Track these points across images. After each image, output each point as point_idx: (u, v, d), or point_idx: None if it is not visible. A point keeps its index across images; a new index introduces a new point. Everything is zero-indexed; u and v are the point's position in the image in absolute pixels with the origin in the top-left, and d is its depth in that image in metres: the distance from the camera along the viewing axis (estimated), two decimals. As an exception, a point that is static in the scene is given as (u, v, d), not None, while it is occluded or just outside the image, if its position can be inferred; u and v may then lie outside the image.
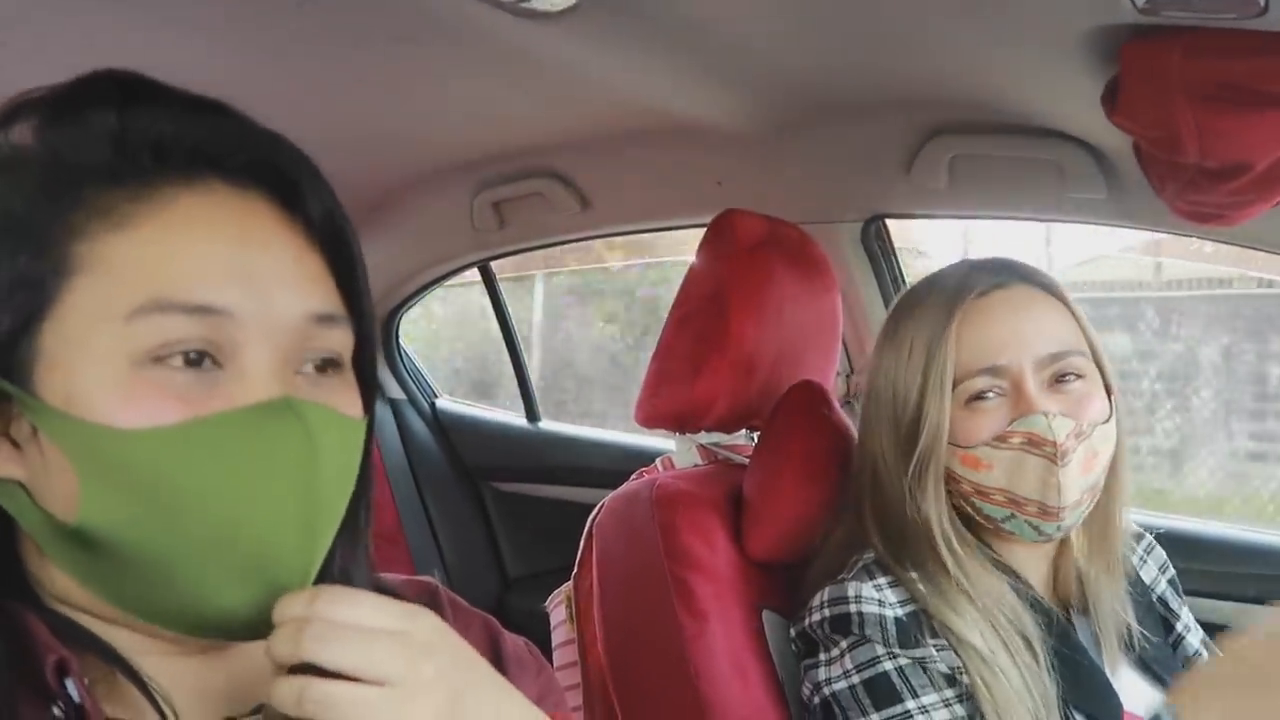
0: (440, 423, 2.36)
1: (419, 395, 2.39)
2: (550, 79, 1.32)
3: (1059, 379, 0.96)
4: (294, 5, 1.06)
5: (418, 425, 2.35)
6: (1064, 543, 1.03)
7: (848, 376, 1.64)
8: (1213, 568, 1.39)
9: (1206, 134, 0.86)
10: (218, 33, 1.11)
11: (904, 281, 1.58)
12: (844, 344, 1.65)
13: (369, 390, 0.60)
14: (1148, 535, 1.14)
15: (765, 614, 1.11)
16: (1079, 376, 0.96)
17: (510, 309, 2.23)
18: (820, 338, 1.32)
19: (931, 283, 1.03)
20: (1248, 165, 0.88)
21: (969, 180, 1.38)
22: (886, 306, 1.54)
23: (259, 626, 0.51)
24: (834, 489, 1.11)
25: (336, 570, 0.60)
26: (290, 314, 0.54)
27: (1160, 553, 1.14)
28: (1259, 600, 1.34)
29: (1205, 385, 2.88)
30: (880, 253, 1.58)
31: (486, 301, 2.22)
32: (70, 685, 0.51)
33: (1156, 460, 2.87)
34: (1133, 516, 1.18)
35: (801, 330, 1.28)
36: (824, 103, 1.36)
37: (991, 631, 0.92)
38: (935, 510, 0.97)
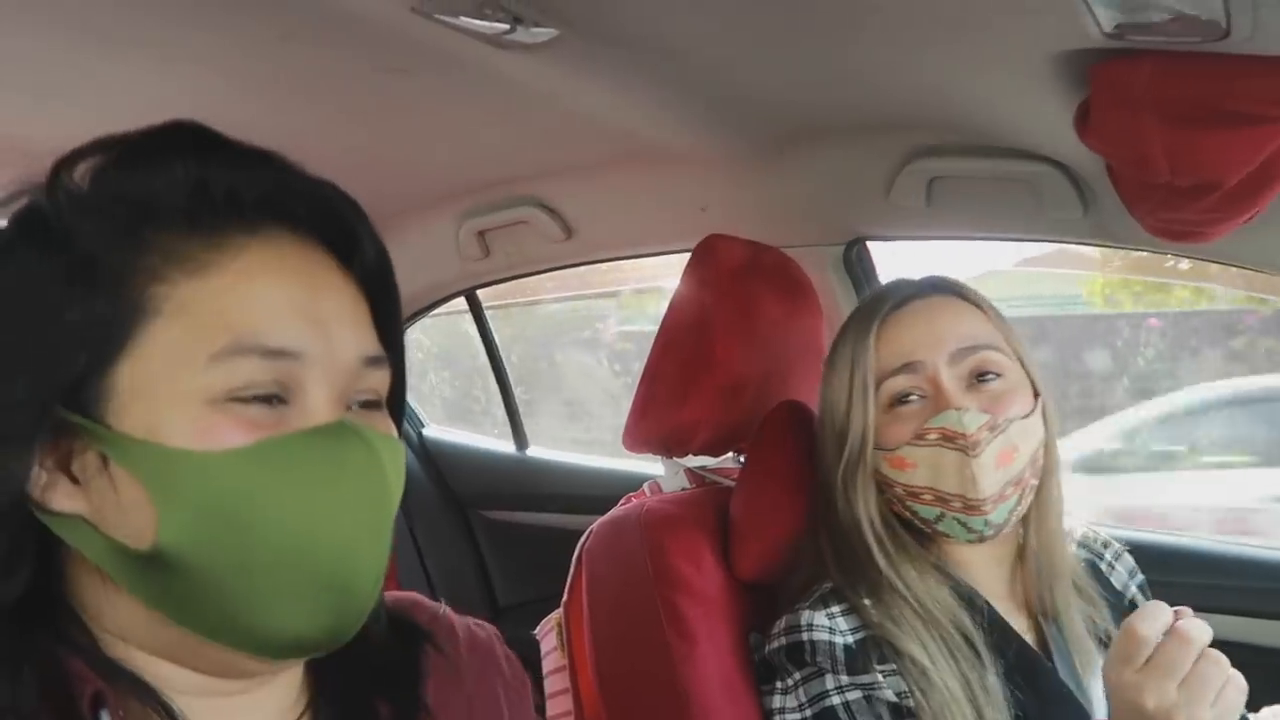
0: (428, 451, 2.36)
1: (406, 425, 2.38)
2: (534, 109, 1.33)
3: (978, 378, 1.00)
4: (278, 39, 1.07)
5: (406, 456, 2.34)
6: (1021, 549, 1.05)
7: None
8: (1190, 580, 1.41)
9: (1176, 153, 0.88)
10: (202, 66, 1.12)
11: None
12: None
13: (400, 427, 0.64)
14: (1115, 543, 1.16)
15: (753, 636, 1.11)
16: (998, 375, 1.00)
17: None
18: (804, 360, 1.34)
19: (862, 302, 1.10)
20: (1217, 183, 0.90)
21: (948, 202, 1.39)
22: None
23: (327, 641, 0.55)
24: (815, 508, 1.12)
25: None
26: (348, 356, 0.57)
27: (1129, 559, 1.16)
28: (1239, 613, 1.35)
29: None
30: (862, 275, 1.60)
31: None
32: (105, 717, 0.52)
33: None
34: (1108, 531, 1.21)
35: (786, 353, 1.30)
36: (803, 127, 1.38)
37: (931, 636, 0.95)
38: (865, 513, 1.02)
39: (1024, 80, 1.00)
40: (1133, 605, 1.13)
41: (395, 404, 0.63)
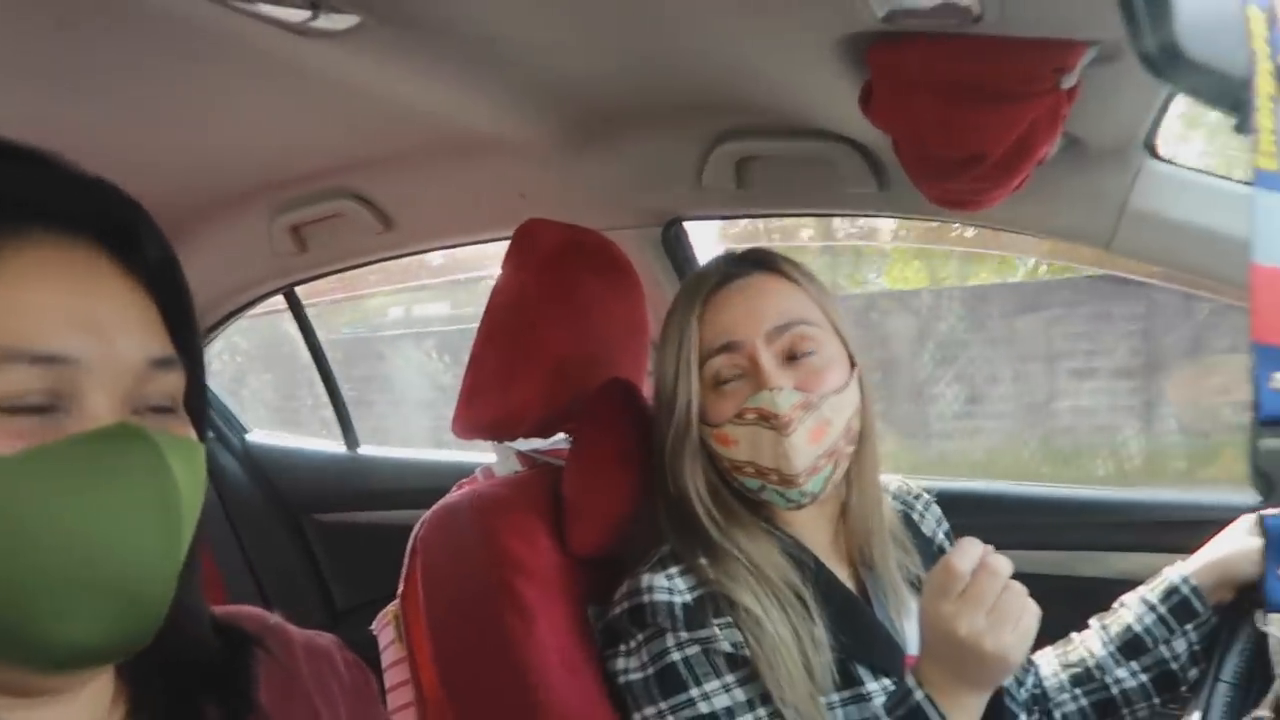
0: (253, 458, 2.27)
1: (228, 432, 2.29)
2: (341, 97, 1.30)
3: (794, 355, 1.05)
4: (53, 26, 1.01)
5: (228, 463, 2.25)
6: (844, 506, 1.12)
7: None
8: (987, 520, 1.54)
9: (946, 129, 0.97)
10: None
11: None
12: (653, 344, 1.71)
13: (200, 430, 0.62)
14: (925, 494, 1.26)
15: (591, 609, 1.14)
16: (813, 351, 1.06)
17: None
18: (630, 340, 1.37)
19: (688, 279, 1.14)
20: (984, 155, 0.99)
21: (756, 181, 1.46)
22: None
23: (117, 649, 0.53)
24: (648, 478, 1.16)
25: (176, 611, 0.59)
26: (131, 359, 0.55)
27: (936, 508, 1.27)
28: (1030, 546, 1.49)
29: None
30: (681, 254, 1.65)
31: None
32: None
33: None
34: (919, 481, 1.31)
35: (610, 333, 1.32)
36: (616, 112, 1.41)
37: (764, 591, 1.01)
38: (692, 484, 1.07)
39: (813, 63, 1.07)
40: (940, 550, 1.23)
41: (195, 406, 0.62)
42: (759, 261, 1.11)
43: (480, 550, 1.10)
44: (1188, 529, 1.21)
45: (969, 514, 1.33)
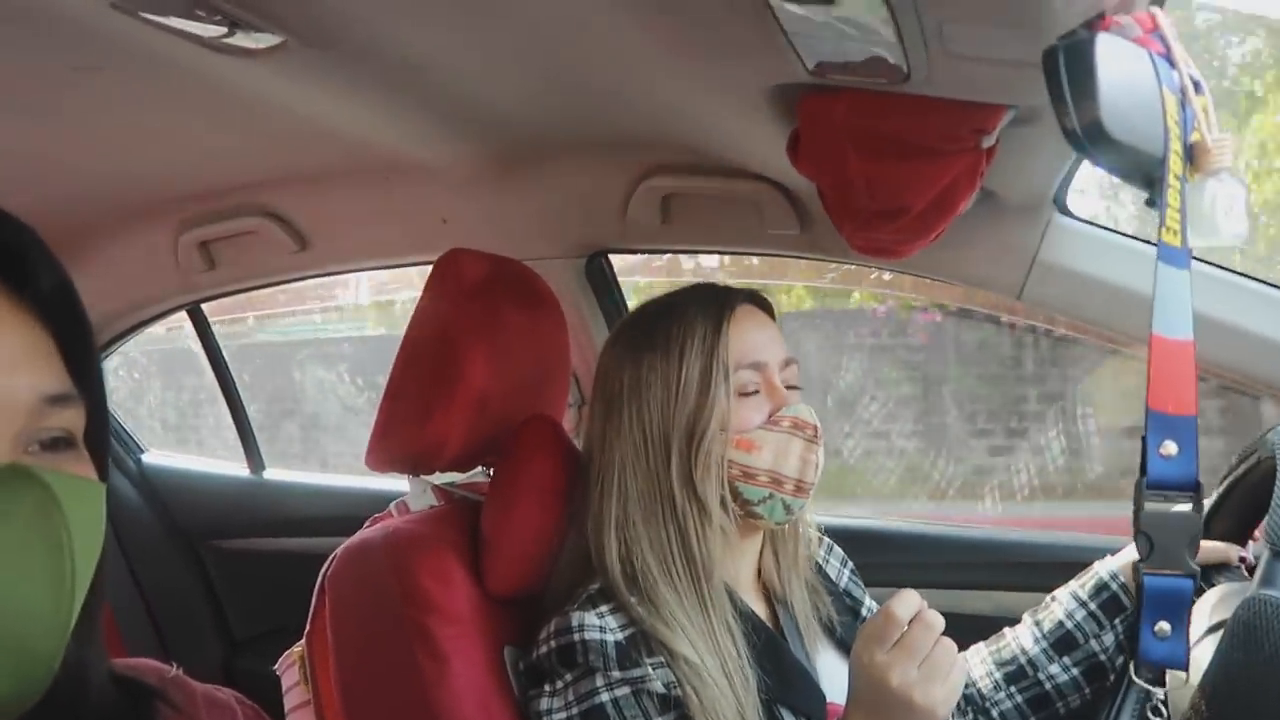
0: (148, 480, 2.17)
1: (122, 453, 2.18)
2: (258, 115, 1.27)
3: (789, 386, 1.10)
4: None
5: (121, 485, 2.14)
6: (764, 540, 1.14)
7: (580, 407, 1.68)
8: (891, 560, 1.57)
9: (871, 180, 0.99)
10: None
11: (627, 312, 1.65)
12: (575, 377, 1.70)
13: (102, 466, 0.59)
14: (826, 537, 1.28)
15: (508, 650, 1.12)
16: (797, 386, 1.11)
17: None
18: (551, 372, 1.35)
19: (684, 298, 1.12)
20: (907, 208, 1.01)
21: (680, 217, 1.47)
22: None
23: (7, 705, 0.50)
24: (570, 519, 1.14)
25: (72, 652, 0.56)
26: (21, 398, 0.53)
27: (839, 550, 1.29)
28: (942, 586, 1.52)
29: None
30: (605, 286, 1.65)
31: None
32: None
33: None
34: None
35: (532, 365, 1.31)
36: (543, 144, 1.41)
37: (698, 635, 1.00)
38: (716, 493, 1.05)
39: (744, 109, 1.08)
40: (847, 592, 1.25)
41: (96, 441, 0.58)
42: (753, 297, 1.14)
43: (393, 589, 1.07)
44: (1074, 569, 1.26)
45: (869, 552, 1.36)
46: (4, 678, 0.49)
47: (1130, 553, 1.18)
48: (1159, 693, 1.13)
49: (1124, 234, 1.30)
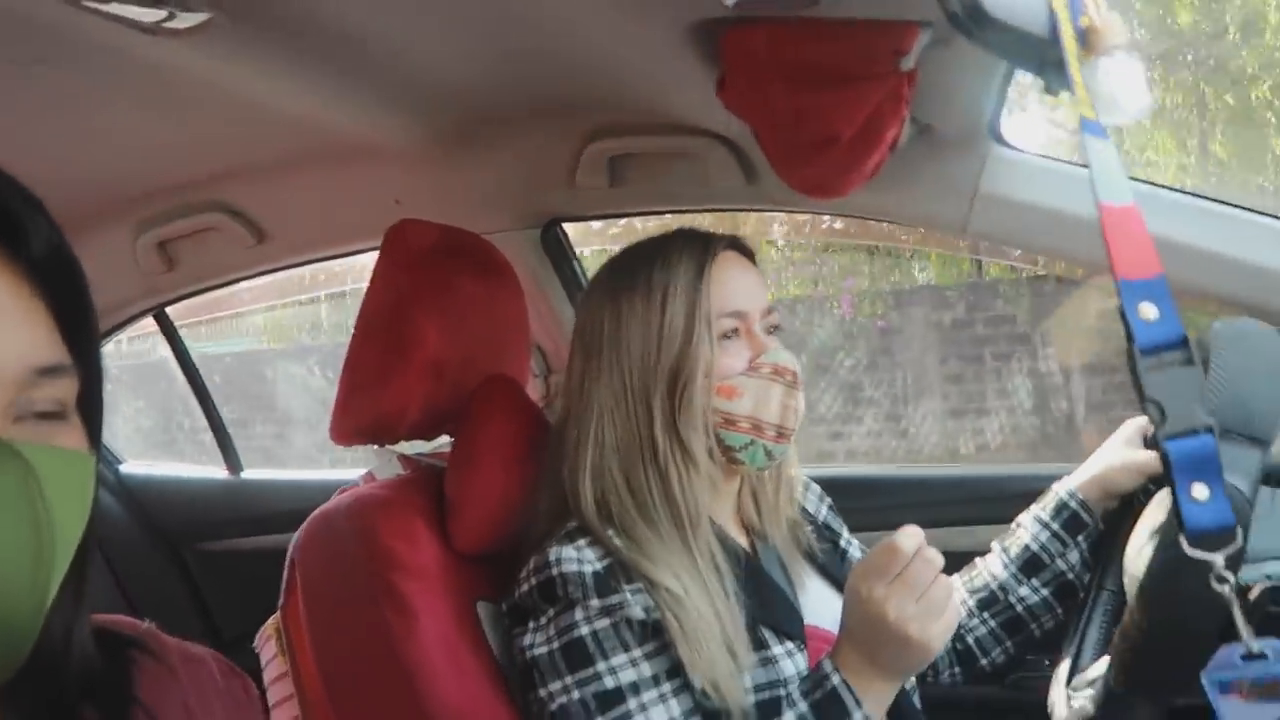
0: (128, 489, 2.17)
1: (101, 465, 2.19)
2: (201, 102, 1.27)
3: (771, 329, 1.11)
4: None
5: (102, 497, 2.14)
6: (743, 479, 1.15)
7: (545, 377, 1.70)
8: (871, 504, 1.59)
9: (797, 112, 1.01)
10: None
11: (585, 280, 1.67)
12: (539, 348, 1.72)
13: (95, 434, 0.58)
14: (804, 476, 1.29)
15: (481, 605, 1.13)
16: (778, 327, 1.12)
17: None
18: (511, 340, 1.36)
19: (665, 243, 1.11)
20: (835, 136, 1.03)
21: (629, 179, 1.49)
22: (574, 305, 1.62)
23: None
24: (534, 472, 1.15)
25: (55, 619, 0.57)
26: (12, 368, 0.51)
27: (816, 487, 1.31)
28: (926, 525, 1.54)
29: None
30: (562, 256, 1.66)
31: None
32: None
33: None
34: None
35: (490, 333, 1.32)
36: (487, 115, 1.42)
37: (682, 567, 1.01)
38: (703, 439, 1.06)
39: (671, 54, 1.09)
40: (826, 525, 1.27)
41: (89, 410, 0.58)
42: (734, 243, 1.13)
43: (359, 552, 1.08)
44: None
45: (851, 498, 1.37)
46: None
47: (1084, 471, 1.20)
48: (1217, 560, 1.15)
49: (1063, 160, 1.32)
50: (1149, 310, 0.64)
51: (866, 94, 0.99)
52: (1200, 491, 0.65)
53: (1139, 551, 0.98)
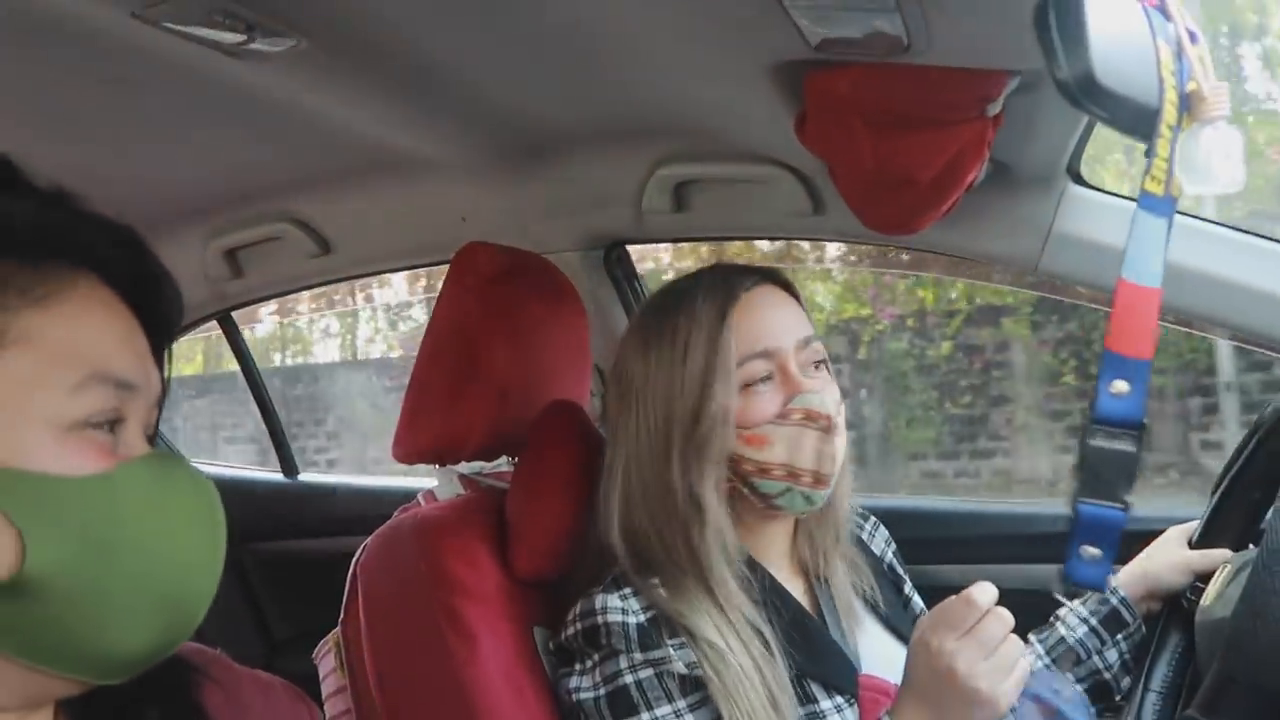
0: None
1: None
2: (278, 120, 1.29)
3: (814, 365, 1.07)
4: None
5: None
6: (797, 522, 1.13)
7: (604, 398, 1.70)
8: (930, 535, 1.57)
9: (878, 153, 1.00)
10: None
11: (646, 302, 1.66)
12: (598, 369, 1.72)
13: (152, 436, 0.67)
14: (872, 515, 1.28)
15: (537, 631, 1.13)
16: (824, 362, 1.08)
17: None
18: (572, 362, 1.37)
19: (693, 285, 1.09)
20: (915, 179, 1.02)
21: (695, 205, 1.48)
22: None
23: (156, 657, 0.58)
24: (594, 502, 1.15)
25: None
26: (155, 392, 0.62)
27: (884, 529, 1.29)
28: (977, 561, 1.52)
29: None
30: (623, 277, 1.67)
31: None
32: None
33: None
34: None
35: (553, 355, 1.33)
36: (555, 136, 1.43)
37: (724, 621, 1.00)
38: (713, 491, 1.03)
39: (750, 90, 1.09)
40: (890, 568, 1.25)
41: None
42: (768, 275, 1.11)
43: (422, 573, 1.09)
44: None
45: (908, 530, 1.36)
46: (164, 633, 0.58)
47: (1128, 569, 1.17)
48: (1076, 606, 1.18)
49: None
50: (1120, 386, 0.68)
51: (949, 139, 0.98)
52: (1091, 552, 0.74)
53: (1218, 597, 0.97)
